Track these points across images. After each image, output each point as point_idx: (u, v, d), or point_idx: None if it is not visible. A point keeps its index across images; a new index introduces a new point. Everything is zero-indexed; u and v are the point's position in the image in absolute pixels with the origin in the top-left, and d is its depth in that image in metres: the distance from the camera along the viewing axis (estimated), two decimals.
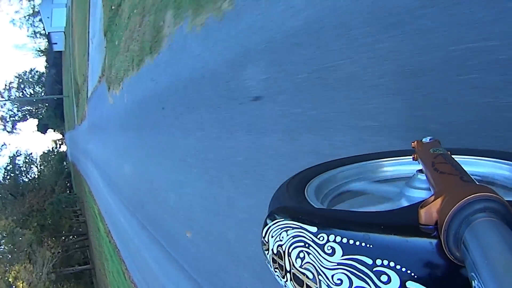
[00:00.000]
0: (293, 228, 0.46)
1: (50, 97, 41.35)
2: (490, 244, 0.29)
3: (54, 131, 52.42)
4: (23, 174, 42.72)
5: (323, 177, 0.71)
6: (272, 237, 0.50)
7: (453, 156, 0.56)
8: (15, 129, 48.64)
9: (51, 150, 50.31)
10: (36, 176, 42.60)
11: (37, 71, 46.58)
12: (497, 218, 0.31)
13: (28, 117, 49.68)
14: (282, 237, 0.47)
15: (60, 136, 51.27)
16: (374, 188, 0.74)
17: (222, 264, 2.83)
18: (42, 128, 50.76)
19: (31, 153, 45.63)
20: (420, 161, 0.61)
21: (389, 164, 0.77)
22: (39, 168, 46.34)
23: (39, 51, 47.24)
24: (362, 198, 0.72)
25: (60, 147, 51.17)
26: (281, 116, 2.05)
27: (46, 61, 45.94)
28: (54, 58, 42.06)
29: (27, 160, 44.52)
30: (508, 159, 0.65)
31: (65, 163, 45.44)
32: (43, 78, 45.86)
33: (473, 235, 0.31)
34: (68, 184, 41.88)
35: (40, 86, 45.53)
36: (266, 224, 0.53)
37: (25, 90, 46.34)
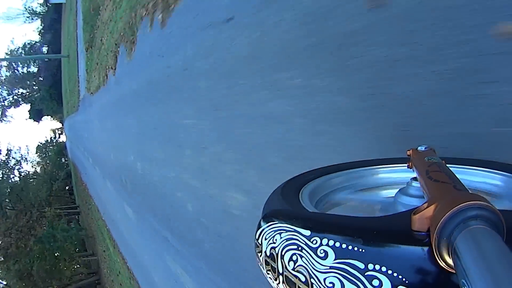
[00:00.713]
0: (287, 231, 0.47)
1: (42, 56, 33.45)
2: (481, 252, 0.29)
3: (52, 118, 41.62)
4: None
5: (317, 182, 0.71)
6: (265, 239, 0.50)
7: (447, 165, 0.56)
8: (5, 116, 38.83)
9: (49, 140, 40.07)
10: (21, 182, 29.44)
11: (30, 44, 36.74)
12: (489, 226, 0.32)
13: (21, 102, 39.04)
14: (276, 240, 0.48)
15: (59, 125, 40.18)
16: (368, 194, 0.74)
17: None
18: (35, 115, 40.20)
19: (10, 150, 34.43)
20: (414, 169, 0.61)
21: (385, 171, 0.78)
22: (30, 168, 36.11)
23: (32, 13, 37.01)
24: (356, 204, 0.73)
25: (59, 137, 40.73)
26: None
27: (42, 24, 36.88)
28: (51, 20, 33.48)
29: (5, 161, 32.56)
30: (501, 169, 0.65)
31: (63, 159, 35.82)
32: (36, 48, 36.71)
33: (464, 242, 0.31)
34: (68, 188, 31.32)
35: (33, 61, 36.51)
36: (260, 227, 0.54)
37: (17, 70, 37.18)
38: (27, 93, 38.68)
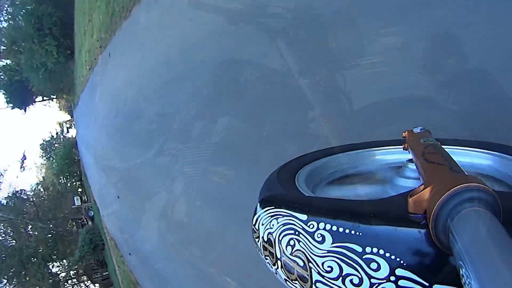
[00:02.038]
0: (284, 215, 0.46)
1: None
2: (478, 233, 0.29)
3: (56, 101, 21.69)
4: None
5: (313, 166, 0.71)
6: (262, 224, 0.50)
7: (443, 146, 0.56)
8: None
9: (54, 136, 24.05)
10: None
11: None
12: (485, 208, 0.32)
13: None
14: (273, 225, 0.48)
15: (68, 117, 22.83)
16: (365, 176, 0.74)
17: None
18: (15, 96, 18.19)
19: None
20: (410, 150, 0.61)
21: (381, 153, 0.77)
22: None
23: None
24: (353, 187, 0.73)
25: (68, 131, 23.26)
26: None
27: None
28: None
29: None
30: (496, 150, 0.65)
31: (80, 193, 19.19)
32: None
33: (461, 224, 0.31)
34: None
35: None
36: (256, 212, 0.53)
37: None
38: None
